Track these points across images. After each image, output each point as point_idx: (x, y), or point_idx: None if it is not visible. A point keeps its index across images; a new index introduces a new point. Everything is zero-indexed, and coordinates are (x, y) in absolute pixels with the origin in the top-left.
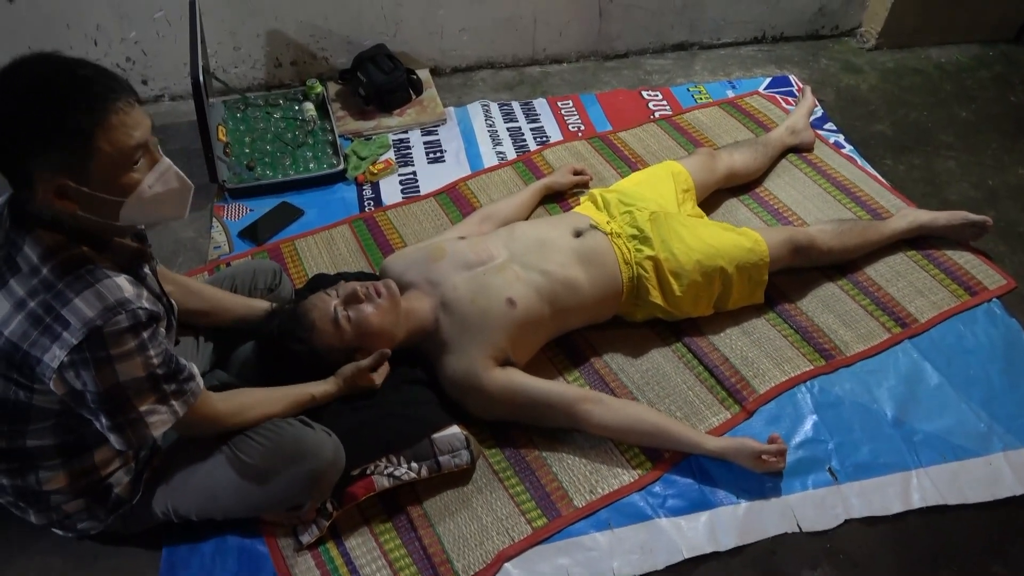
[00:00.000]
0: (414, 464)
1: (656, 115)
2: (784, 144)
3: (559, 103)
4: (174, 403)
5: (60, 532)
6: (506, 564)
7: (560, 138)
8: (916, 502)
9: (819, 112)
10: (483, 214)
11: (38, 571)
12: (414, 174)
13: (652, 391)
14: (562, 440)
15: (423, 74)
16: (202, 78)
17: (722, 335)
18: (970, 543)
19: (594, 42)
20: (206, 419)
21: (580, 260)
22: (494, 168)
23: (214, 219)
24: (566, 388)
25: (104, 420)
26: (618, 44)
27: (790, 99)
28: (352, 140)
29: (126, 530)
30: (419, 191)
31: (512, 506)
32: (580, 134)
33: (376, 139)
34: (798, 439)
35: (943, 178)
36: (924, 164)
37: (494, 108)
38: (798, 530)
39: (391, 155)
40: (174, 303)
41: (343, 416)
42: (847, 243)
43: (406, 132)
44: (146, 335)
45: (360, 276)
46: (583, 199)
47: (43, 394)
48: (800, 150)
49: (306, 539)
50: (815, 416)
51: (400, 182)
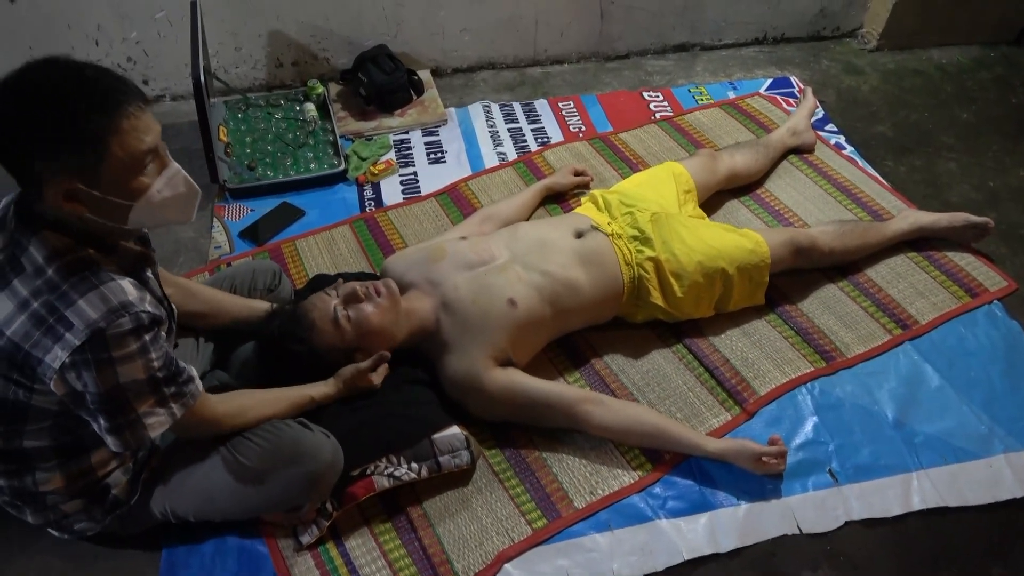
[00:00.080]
0: (414, 464)
1: (657, 116)
2: (785, 145)
3: (560, 104)
4: (173, 405)
5: (56, 533)
6: (506, 565)
7: (561, 139)
8: (916, 504)
9: (820, 113)
10: (484, 215)
11: (38, 571)
12: (415, 174)
13: (652, 392)
14: (562, 441)
15: (424, 75)
16: (203, 78)
17: (723, 336)
18: (971, 545)
19: (595, 43)
20: (205, 421)
21: (581, 261)
22: (495, 169)
23: (215, 219)
24: (566, 389)
25: (103, 421)
26: (619, 45)
27: (791, 100)
28: (353, 140)
29: (124, 531)
30: (420, 192)
31: (512, 507)
32: (581, 135)
33: (377, 139)
34: (798, 441)
35: (944, 180)
36: (925, 166)
37: (495, 109)
38: (798, 532)
39: (392, 155)
40: (174, 307)
41: (343, 416)
42: (848, 244)
43: (407, 133)
44: (148, 338)
45: (361, 276)
46: (584, 200)
47: (42, 395)
48: (801, 151)
49: (306, 539)
50: (815, 418)
51: (401, 182)
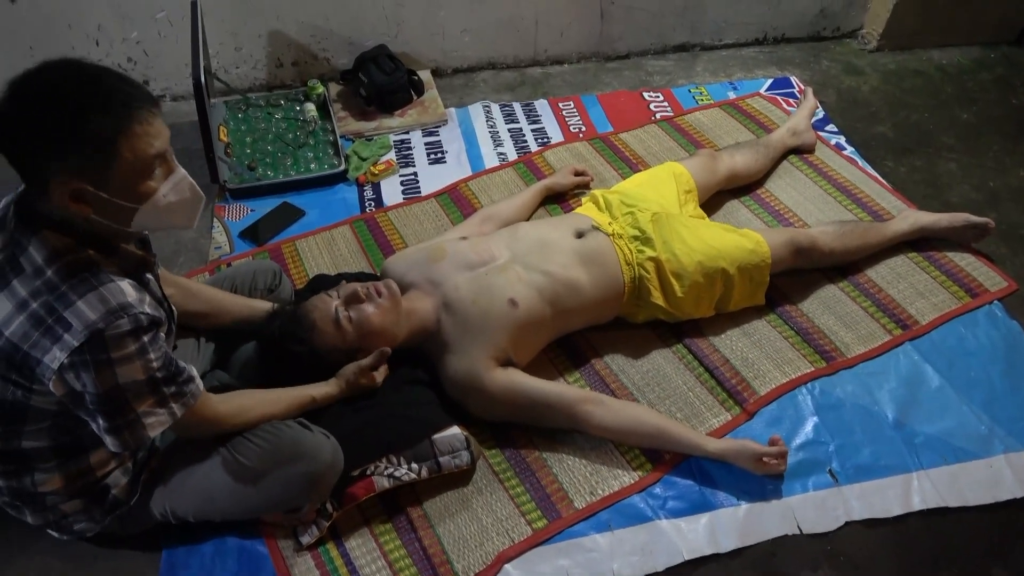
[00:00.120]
0: (414, 465)
1: (657, 116)
2: (785, 145)
3: (560, 104)
4: (173, 405)
5: (56, 534)
6: (506, 565)
7: (561, 139)
8: (917, 504)
9: (820, 114)
10: (484, 215)
11: (38, 571)
12: (415, 175)
13: (653, 392)
14: (562, 441)
15: (424, 75)
16: (203, 78)
17: (723, 336)
18: (971, 545)
19: (595, 43)
20: (206, 420)
21: (582, 261)
22: (495, 169)
23: (215, 219)
24: (567, 389)
25: (102, 422)
26: (619, 45)
27: (791, 100)
28: (353, 141)
29: (123, 531)
30: (420, 192)
31: (512, 507)
32: (581, 135)
33: (377, 140)
34: (799, 441)
35: (944, 180)
36: (925, 166)
37: (495, 109)
38: (798, 532)
39: (392, 156)
40: (174, 308)
41: (343, 416)
42: (848, 245)
43: (407, 133)
44: (147, 339)
45: (361, 276)
46: (584, 200)
47: (41, 395)
48: (801, 151)
49: (306, 540)
50: (816, 418)
51: (401, 183)
